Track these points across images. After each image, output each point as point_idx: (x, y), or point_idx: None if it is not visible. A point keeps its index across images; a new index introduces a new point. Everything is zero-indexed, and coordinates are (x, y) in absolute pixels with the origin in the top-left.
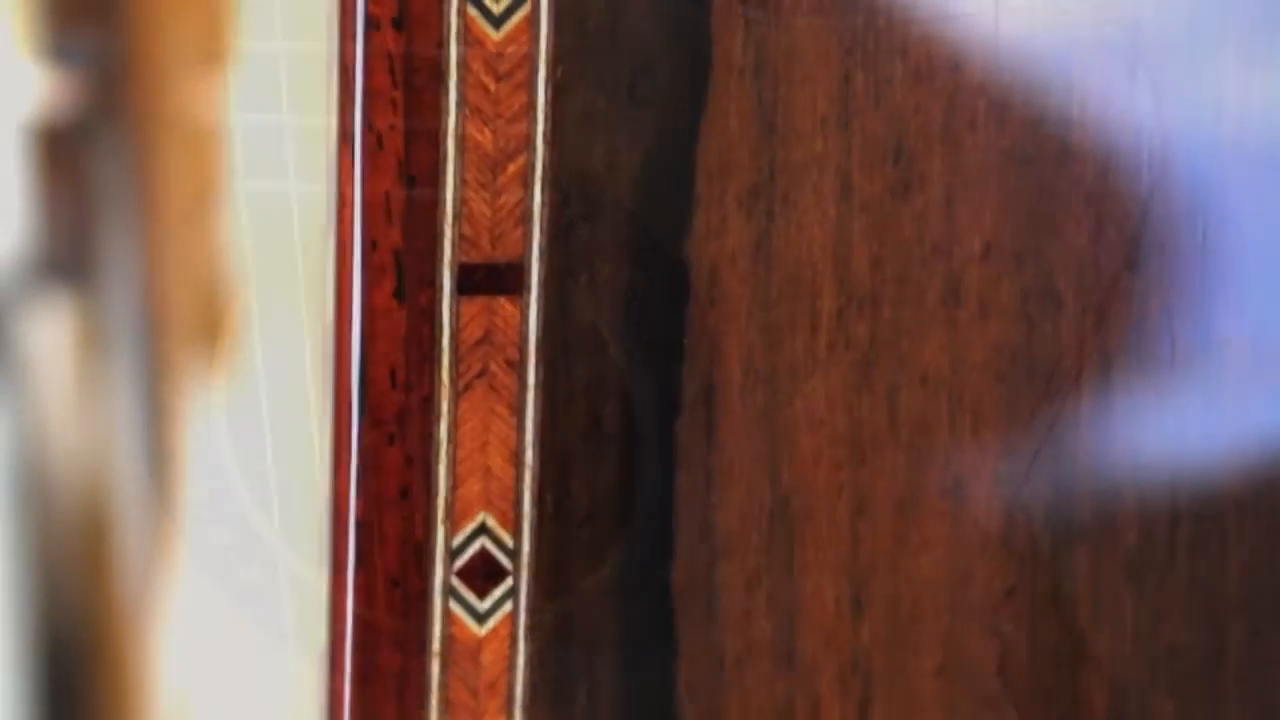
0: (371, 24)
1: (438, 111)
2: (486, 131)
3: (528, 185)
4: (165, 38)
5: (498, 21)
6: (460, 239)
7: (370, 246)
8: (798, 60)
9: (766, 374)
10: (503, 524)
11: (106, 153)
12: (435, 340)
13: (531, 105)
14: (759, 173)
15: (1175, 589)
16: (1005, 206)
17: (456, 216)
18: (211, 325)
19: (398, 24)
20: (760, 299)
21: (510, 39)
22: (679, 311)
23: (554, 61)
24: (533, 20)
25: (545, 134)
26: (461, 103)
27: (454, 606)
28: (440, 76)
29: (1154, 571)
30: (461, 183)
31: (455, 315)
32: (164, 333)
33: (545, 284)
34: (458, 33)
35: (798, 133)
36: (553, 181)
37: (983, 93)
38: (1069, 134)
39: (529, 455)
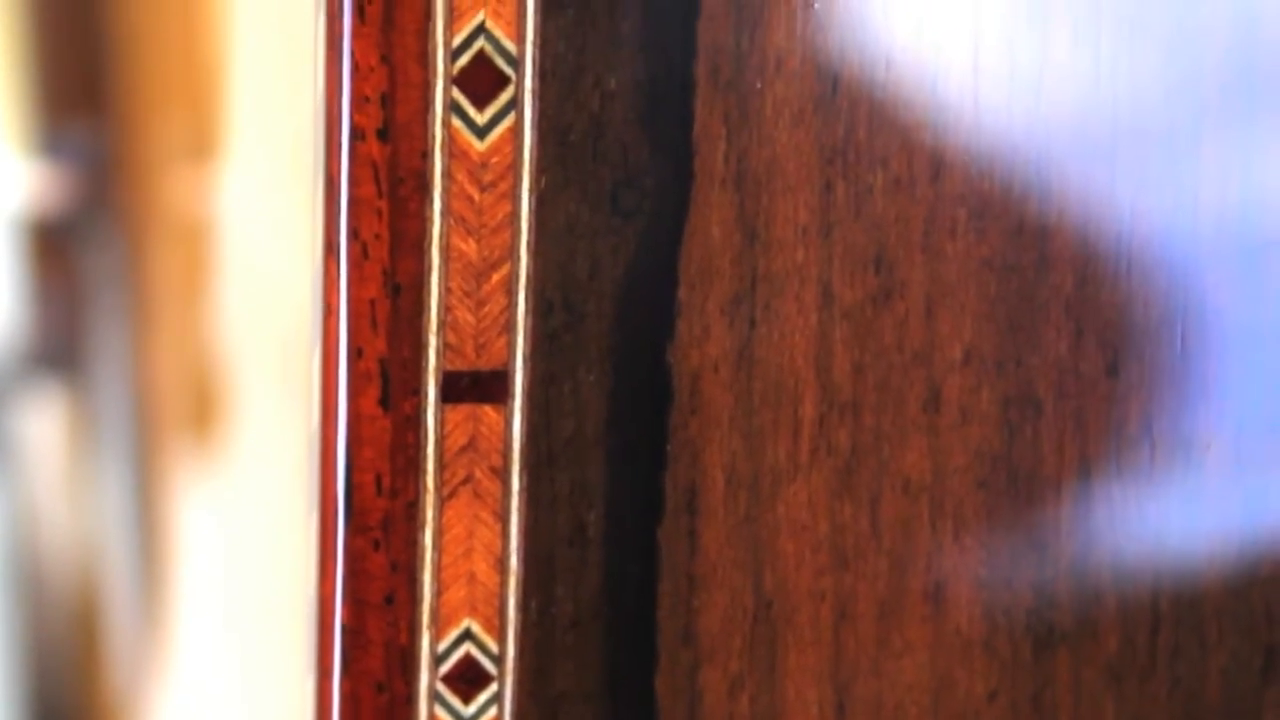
0: (357, 134)
1: (422, 221)
2: (471, 241)
3: (511, 294)
4: (155, 133)
5: (482, 132)
6: (445, 347)
7: (356, 354)
8: (779, 170)
9: (748, 480)
10: (487, 629)
11: (97, 246)
12: (420, 447)
13: (515, 215)
14: (741, 281)
15: (1156, 693)
16: (985, 314)
17: (441, 325)
18: (200, 416)
19: (383, 135)
20: (742, 405)
21: (494, 149)
22: (661, 418)
23: (537, 172)
24: (516, 131)
25: (529, 243)
26: (446, 212)
27: (439, 711)
28: (425, 187)
29: (1135, 676)
30: (446, 291)
31: (440, 423)
32: (153, 423)
33: (529, 392)
34: (442, 143)
35: (779, 242)
36: (536, 290)
37: (963, 202)
38: (1048, 243)
39: (513, 561)
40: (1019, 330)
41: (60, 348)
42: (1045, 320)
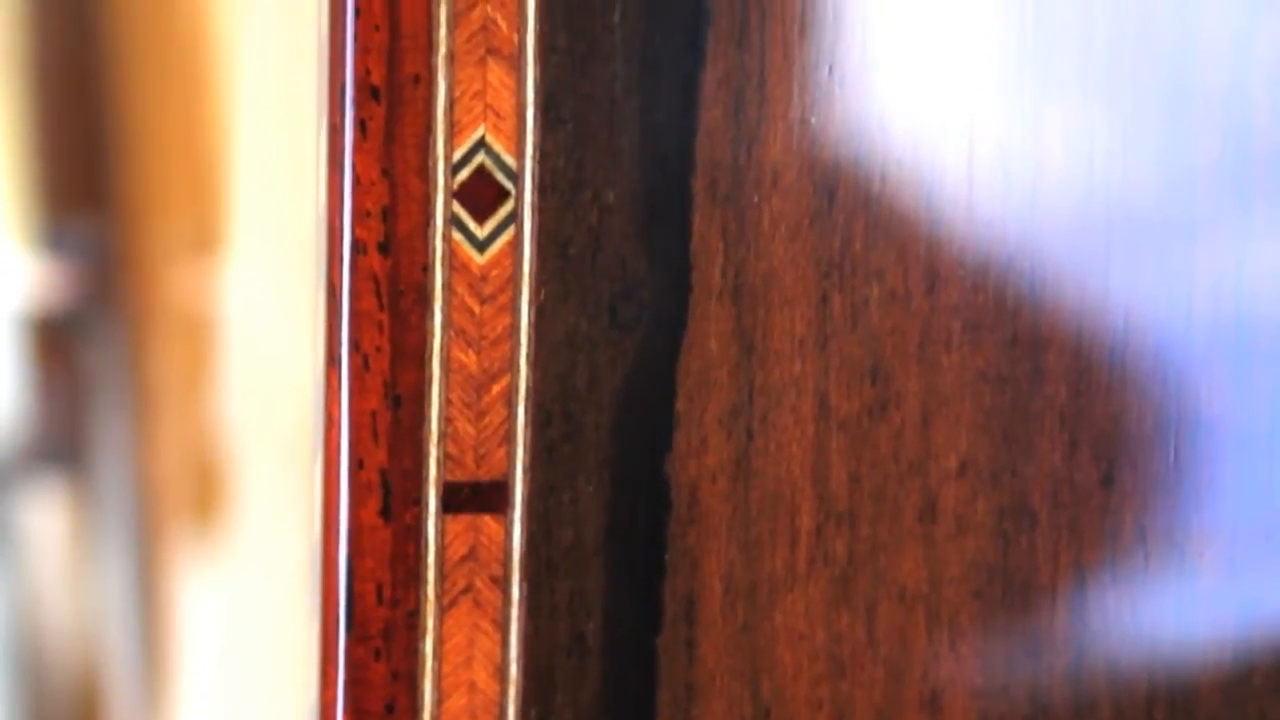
0: (358, 248)
1: (423, 333)
2: (471, 353)
3: (511, 405)
4: (157, 228)
5: (482, 246)
6: (445, 458)
7: (357, 465)
8: (776, 283)
9: (746, 589)
10: None
11: (100, 340)
12: (421, 557)
13: (515, 327)
14: (738, 392)
15: None
16: (981, 425)
17: (442, 436)
18: (202, 506)
19: (384, 248)
20: (740, 516)
21: (494, 263)
22: (660, 528)
23: (537, 284)
24: (516, 244)
25: (529, 355)
26: (447, 325)
27: None
28: (426, 299)
29: None
30: (446, 403)
31: (440, 533)
32: (155, 515)
33: (528, 502)
34: (443, 257)
35: (776, 353)
36: (536, 402)
37: (957, 314)
38: (1042, 355)
39: (513, 670)
40: (1014, 441)
41: (62, 441)
42: (1040, 431)
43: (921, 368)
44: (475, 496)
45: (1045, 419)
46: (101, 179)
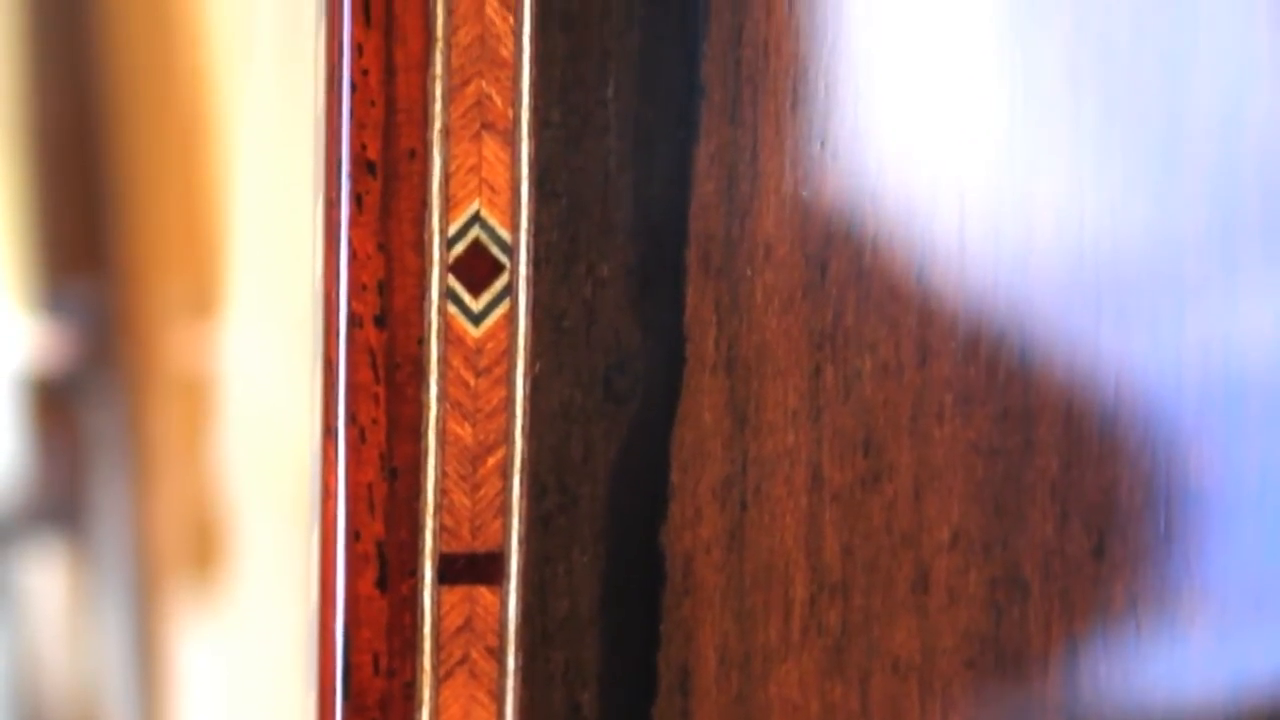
0: (354, 321)
1: (419, 406)
2: (466, 425)
3: (507, 477)
4: (156, 290)
5: (477, 319)
6: (441, 530)
7: (354, 537)
8: (769, 355)
9: (740, 660)
10: None
11: (98, 402)
12: (417, 628)
13: (510, 400)
14: (732, 464)
15: None
16: (973, 497)
17: (438, 508)
18: (200, 566)
19: (380, 321)
20: (734, 586)
21: (489, 335)
22: (655, 599)
23: (532, 357)
24: (511, 317)
25: (524, 427)
26: (442, 397)
27: None
28: (421, 372)
29: None
30: (442, 475)
31: (436, 604)
32: (154, 575)
33: (524, 573)
34: (439, 330)
35: (769, 425)
36: (531, 474)
37: (949, 386)
38: (1033, 427)
39: None
40: (1005, 513)
41: (62, 500)
42: (1031, 503)
43: (914, 440)
44: (471, 568)
45: (1037, 491)
46: (100, 242)
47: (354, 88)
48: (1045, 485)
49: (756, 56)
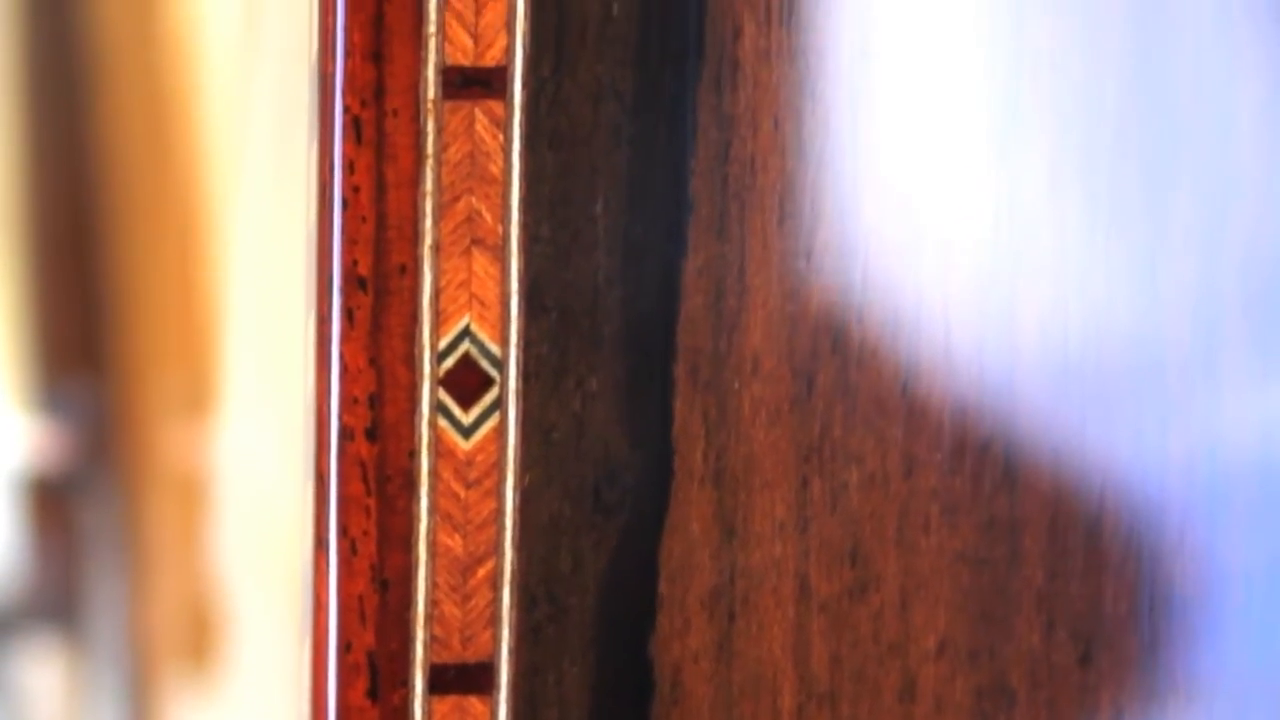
0: (345, 434)
1: (410, 518)
2: (457, 537)
3: (497, 588)
4: (152, 389)
5: (467, 432)
6: (432, 640)
7: (345, 648)
8: (756, 467)
9: None
10: None
11: (95, 500)
12: None
13: (500, 511)
14: (720, 575)
15: None
16: (959, 606)
17: (428, 619)
18: (195, 662)
19: (371, 434)
20: (722, 696)
21: (479, 448)
22: (644, 709)
23: (521, 469)
24: (501, 431)
25: (514, 539)
26: (433, 510)
27: None
28: (412, 485)
29: None
30: (433, 586)
31: (427, 714)
32: (150, 672)
33: (514, 683)
34: (429, 443)
35: (757, 537)
36: (521, 585)
37: (935, 497)
38: (1019, 537)
39: None
40: (992, 622)
41: (58, 598)
42: (1018, 612)
43: (900, 550)
44: (461, 678)
45: (1023, 600)
46: (97, 341)
47: (345, 204)
48: (1031, 595)
49: (744, 173)
